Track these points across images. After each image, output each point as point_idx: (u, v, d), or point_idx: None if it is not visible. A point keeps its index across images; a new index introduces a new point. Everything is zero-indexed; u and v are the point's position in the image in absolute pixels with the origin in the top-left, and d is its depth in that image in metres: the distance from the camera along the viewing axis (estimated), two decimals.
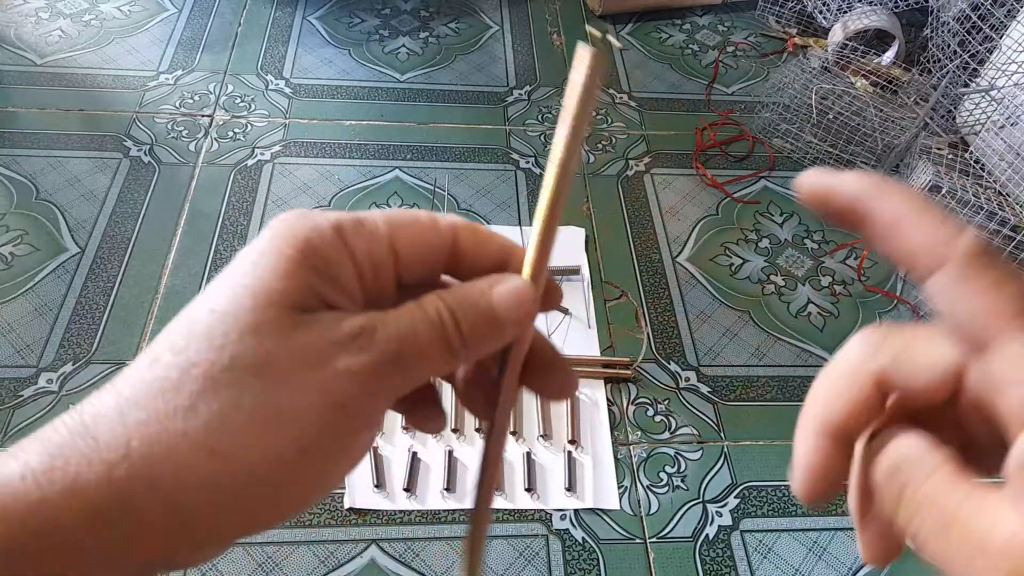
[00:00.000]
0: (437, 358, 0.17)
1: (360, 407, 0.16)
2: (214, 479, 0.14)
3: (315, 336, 0.15)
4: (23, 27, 0.99)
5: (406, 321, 0.17)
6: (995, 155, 0.82)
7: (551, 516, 0.60)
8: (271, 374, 0.15)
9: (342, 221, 0.17)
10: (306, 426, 0.15)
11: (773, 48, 1.09)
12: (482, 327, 0.17)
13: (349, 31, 1.04)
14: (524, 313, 0.18)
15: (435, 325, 0.17)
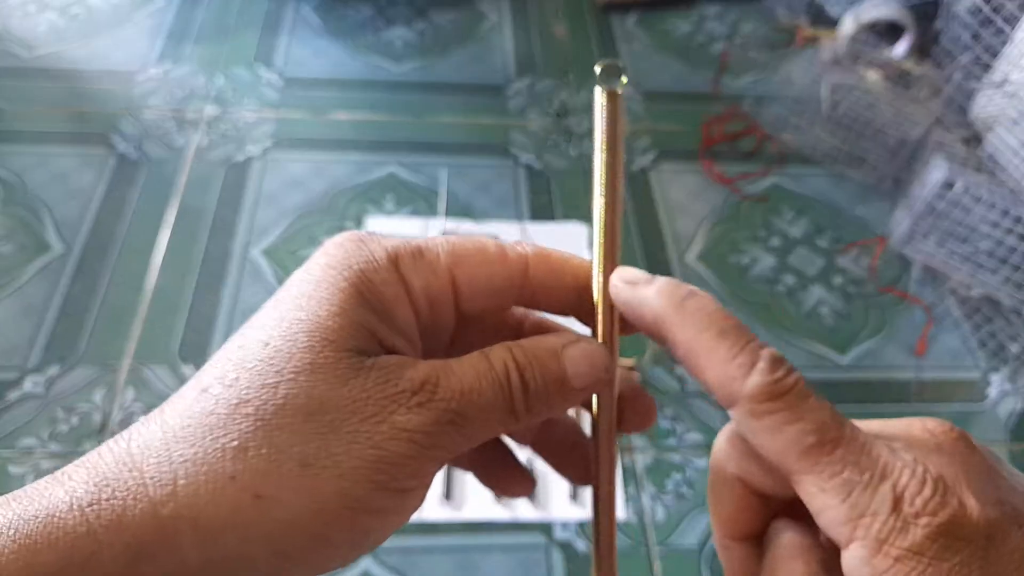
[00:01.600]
0: (497, 419, 0.16)
1: (413, 466, 0.15)
2: (257, 525, 0.14)
3: (372, 386, 0.15)
4: (10, 20, 0.96)
5: (471, 378, 0.16)
6: (1009, 151, 0.80)
7: (553, 526, 0.58)
8: (324, 422, 0.14)
9: (400, 252, 0.16)
10: (354, 481, 0.14)
11: (782, 40, 1.06)
12: (550, 391, 0.16)
13: (343, 21, 1.02)
14: (597, 380, 0.17)
15: (501, 385, 0.16)
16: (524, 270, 0.17)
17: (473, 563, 0.56)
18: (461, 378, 0.16)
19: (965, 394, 0.70)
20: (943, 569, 0.13)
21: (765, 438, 0.15)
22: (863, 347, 0.73)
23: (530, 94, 0.95)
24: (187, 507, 0.14)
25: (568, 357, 0.17)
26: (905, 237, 0.80)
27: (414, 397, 0.15)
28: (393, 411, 0.15)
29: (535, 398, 0.16)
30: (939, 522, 0.14)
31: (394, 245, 0.16)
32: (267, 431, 0.14)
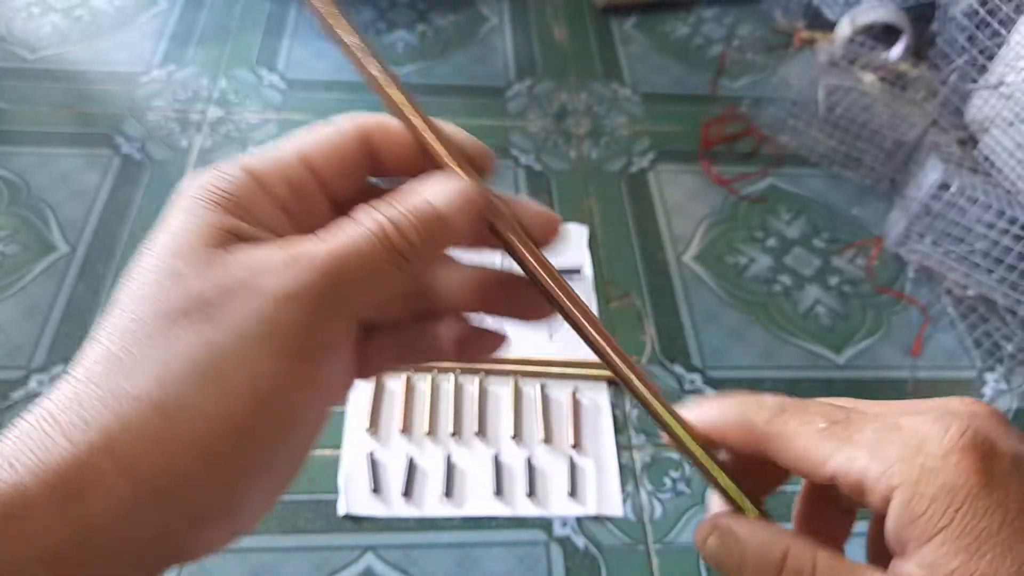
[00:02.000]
0: (387, 267, 0.16)
1: (304, 327, 0.15)
2: (172, 433, 0.14)
3: (243, 270, 0.15)
4: (14, 22, 0.97)
5: (342, 235, 0.16)
6: (1005, 152, 0.81)
7: (552, 522, 0.59)
8: (201, 313, 0.14)
9: (245, 159, 0.16)
10: (249, 357, 0.14)
11: (779, 42, 1.07)
12: (426, 226, 0.16)
13: None
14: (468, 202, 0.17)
15: (372, 233, 0.16)
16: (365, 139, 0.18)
17: (473, 559, 0.57)
18: (330, 240, 0.15)
19: (961, 393, 0.70)
20: (981, 502, 0.14)
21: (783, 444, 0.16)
22: (859, 347, 0.73)
23: (530, 96, 0.95)
24: (99, 437, 0.13)
25: (430, 192, 0.17)
26: (901, 238, 0.80)
27: (287, 269, 0.15)
28: (269, 284, 0.15)
29: (413, 237, 0.16)
30: (970, 459, 0.14)
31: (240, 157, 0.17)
32: (152, 343, 0.14)
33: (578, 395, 0.66)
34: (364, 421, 0.62)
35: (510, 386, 0.65)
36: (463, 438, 0.62)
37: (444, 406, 0.64)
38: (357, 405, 0.63)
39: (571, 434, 0.63)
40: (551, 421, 0.64)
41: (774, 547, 0.17)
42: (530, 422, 0.64)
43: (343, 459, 0.60)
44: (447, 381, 0.65)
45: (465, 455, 0.61)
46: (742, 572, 0.17)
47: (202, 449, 0.14)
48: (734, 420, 0.18)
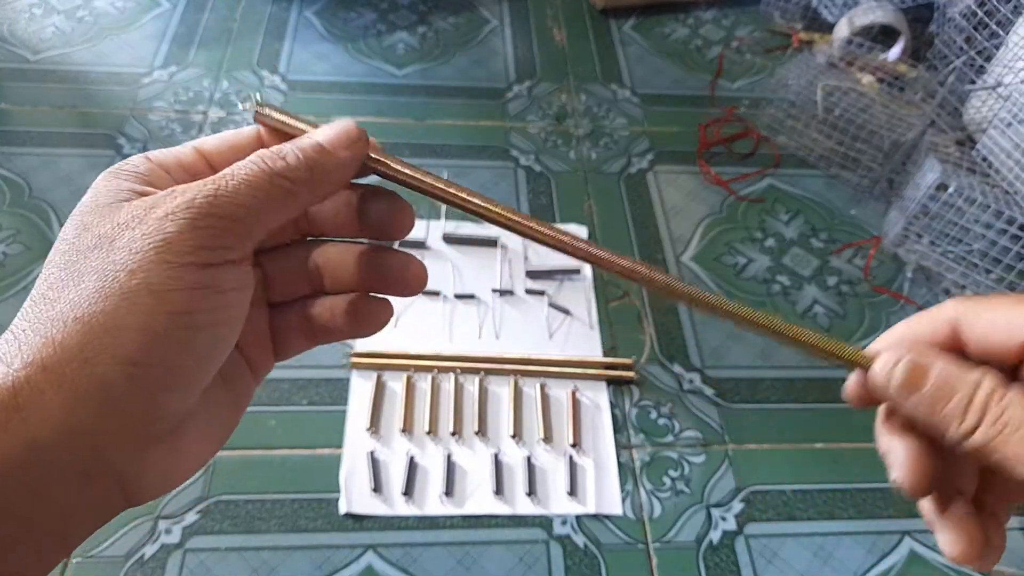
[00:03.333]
0: (270, 188, 0.18)
1: (199, 245, 0.17)
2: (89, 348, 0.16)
3: (137, 206, 0.17)
4: (17, 23, 0.97)
5: (228, 168, 0.18)
6: (1002, 153, 0.81)
7: (552, 521, 0.59)
8: (104, 246, 0.17)
9: (149, 152, 0.19)
10: (149, 269, 0.16)
11: (778, 43, 1.07)
12: (311, 158, 0.19)
13: (346, 26, 1.03)
14: (350, 139, 0.20)
15: (257, 162, 0.18)
16: (259, 138, 0.21)
17: (473, 557, 0.57)
18: (218, 176, 0.18)
19: None
20: None
21: None
22: (857, 346, 0.74)
23: (530, 97, 0.96)
24: (32, 355, 0.16)
25: (316, 132, 0.20)
26: (899, 238, 0.81)
27: (174, 196, 0.17)
28: (159, 210, 0.17)
29: (299, 166, 0.18)
30: None
31: None
32: (67, 275, 0.17)
33: (578, 394, 0.66)
34: (365, 420, 0.63)
35: (510, 385, 0.66)
36: (463, 437, 0.63)
37: (444, 405, 0.64)
38: (358, 405, 0.64)
39: (571, 433, 0.63)
40: (551, 420, 0.64)
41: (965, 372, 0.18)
42: (530, 421, 0.64)
43: (344, 458, 0.61)
44: (447, 381, 0.66)
45: (465, 454, 0.62)
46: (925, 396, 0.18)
47: (115, 353, 0.16)
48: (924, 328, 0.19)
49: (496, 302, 0.72)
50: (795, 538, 0.60)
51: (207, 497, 0.58)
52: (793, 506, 0.62)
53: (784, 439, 0.66)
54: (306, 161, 0.19)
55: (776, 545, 0.60)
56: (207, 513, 0.57)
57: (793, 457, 0.65)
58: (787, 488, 0.63)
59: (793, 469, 0.64)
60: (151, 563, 0.55)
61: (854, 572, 0.59)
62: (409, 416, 0.63)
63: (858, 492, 0.63)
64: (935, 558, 0.60)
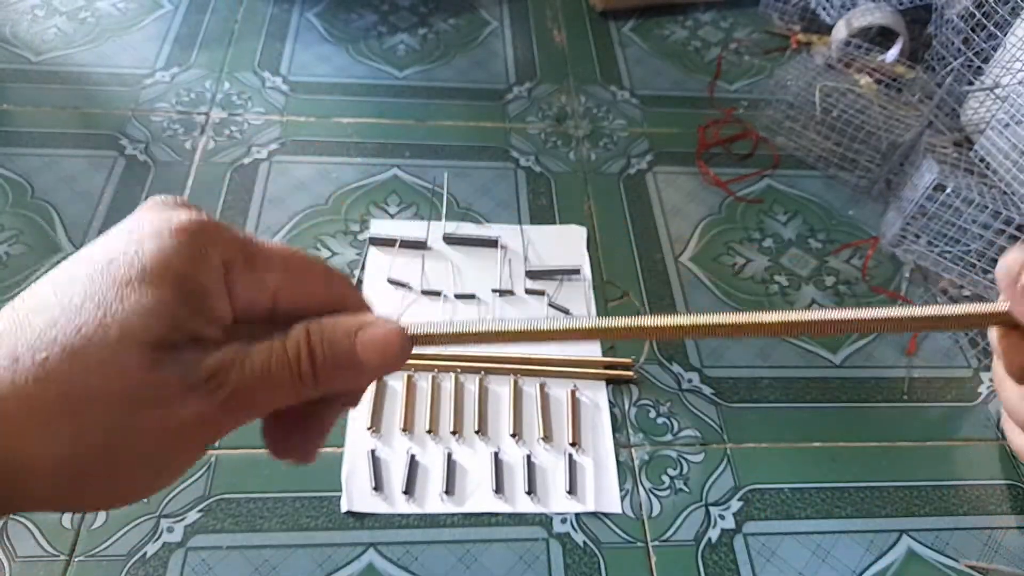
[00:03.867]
0: (284, 393, 0.18)
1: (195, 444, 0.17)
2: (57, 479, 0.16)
3: (170, 379, 0.16)
4: (19, 24, 0.98)
5: (263, 360, 0.18)
6: (1000, 153, 0.82)
7: (551, 519, 0.60)
8: (121, 410, 0.16)
9: (233, 261, 0.18)
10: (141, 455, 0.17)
11: (776, 45, 1.08)
12: (340, 370, 0.18)
13: (347, 28, 1.03)
14: (388, 361, 0.19)
15: (291, 367, 0.18)
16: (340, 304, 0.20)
17: (473, 556, 0.58)
18: (254, 359, 0.17)
19: (956, 392, 0.71)
20: None
21: None
22: (855, 346, 0.74)
23: (529, 98, 0.96)
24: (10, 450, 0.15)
25: (363, 341, 0.18)
26: (897, 238, 0.81)
27: (208, 384, 0.17)
28: (187, 402, 0.17)
29: (324, 374, 0.18)
30: None
31: (229, 252, 0.18)
32: (71, 409, 0.16)
33: (577, 393, 0.66)
34: (366, 419, 0.63)
35: (510, 384, 0.66)
36: (463, 436, 0.63)
37: (445, 404, 0.65)
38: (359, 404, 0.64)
39: (570, 432, 0.64)
40: (550, 419, 0.64)
41: None
42: (530, 420, 0.64)
43: (345, 457, 0.61)
44: (448, 380, 0.66)
45: (465, 453, 0.62)
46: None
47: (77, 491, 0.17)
48: None
49: (496, 302, 0.73)
50: (793, 536, 0.60)
51: (209, 496, 0.59)
52: (792, 505, 0.62)
53: (783, 438, 0.66)
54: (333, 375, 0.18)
55: (774, 543, 0.60)
56: (209, 512, 0.58)
57: (792, 456, 0.65)
58: (786, 487, 0.63)
59: (792, 468, 0.64)
60: (153, 561, 0.55)
61: (852, 570, 0.59)
62: (410, 415, 0.64)
63: (856, 491, 0.63)
64: (933, 557, 0.60)
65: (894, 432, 0.68)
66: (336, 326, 0.19)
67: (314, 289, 0.19)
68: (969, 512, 0.63)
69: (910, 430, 0.68)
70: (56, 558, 0.55)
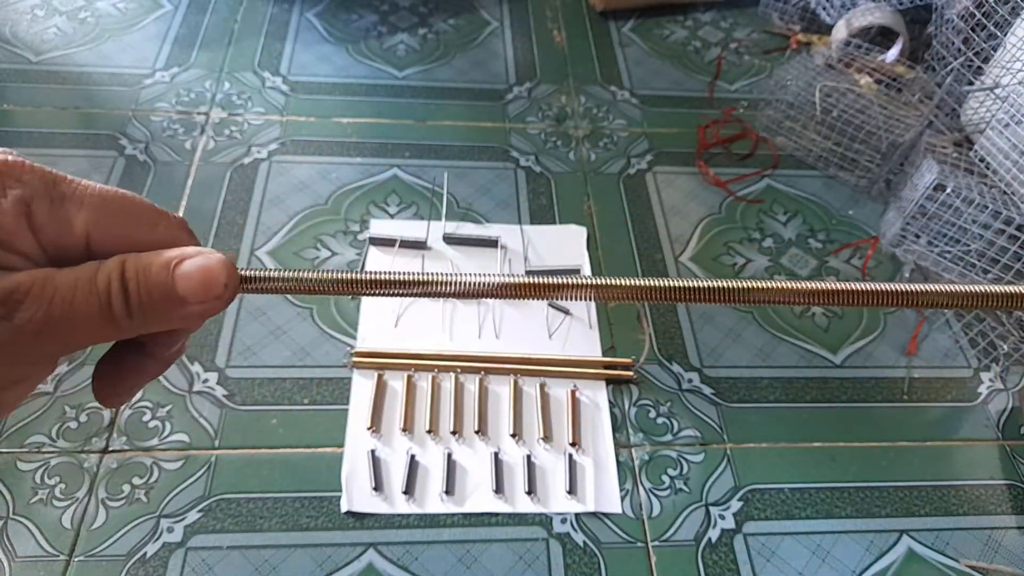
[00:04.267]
0: (94, 328, 0.16)
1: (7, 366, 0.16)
2: None
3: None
4: (19, 24, 0.98)
5: (66, 288, 0.16)
6: (1000, 153, 0.82)
7: (551, 519, 0.60)
8: None
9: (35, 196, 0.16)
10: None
11: (776, 45, 1.08)
12: (157, 305, 0.17)
13: (347, 28, 1.03)
14: (212, 295, 0.17)
15: (98, 296, 0.16)
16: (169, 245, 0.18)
17: (473, 556, 0.58)
18: (57, 287, 0.16)
19: (956, 392, 0.71)
20: None
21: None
22: (855, 346, 0.74)
23: (530, 98, 0.96)
24: None
25: (181, 272, 0.17)
26: (897, 238, 0.81)
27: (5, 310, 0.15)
28: None
29: (139, 311, 0.16)
30: None
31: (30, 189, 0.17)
32: None
33: (577, 394, 0.66)
34: (366, 419, 0.63)
35: (510, 384, 0.66)
36: (463, 436, 0.63)
37: (445, 404, 0.65)
38: (359, 404, 0.64)
39: (570, 432, 0.64)
40: (550, 419, 0.64)
41: None
42: (530, 420, 0.64)
43: (345, 457, 0.61)
44: (448, 380, 0.66)
45: (465, 453, 0.62)
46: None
47: None
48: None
49: (496, 302, 0.73)
50: (793, 536, 0.60)
51: (209, 496, 0.59)
52: (791, 505, 0.62)
53: (782, 438, 0.66)
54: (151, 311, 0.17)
55: (774, 544, 0.60)
56: (209, 512, 0.58)
57: (791, 456, 0.65)
58: (785, 487, 0.63)
59: (791, 468, 0.64)
60: (153, 561, 0.55)
61: (852, 570, 0.59)
62: (410, 415, 0.64)
63: (856, 491, 0.63)
64: (933, 557, 0.60)
65: (894, 432, 0.68)
66: (153, 257, 0.17)
67: (135, 230, 0.17)
68: (969, 512, 0.63)
69: (910, 430, 0.68)
70: (56, 558, 0.55)
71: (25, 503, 0.57)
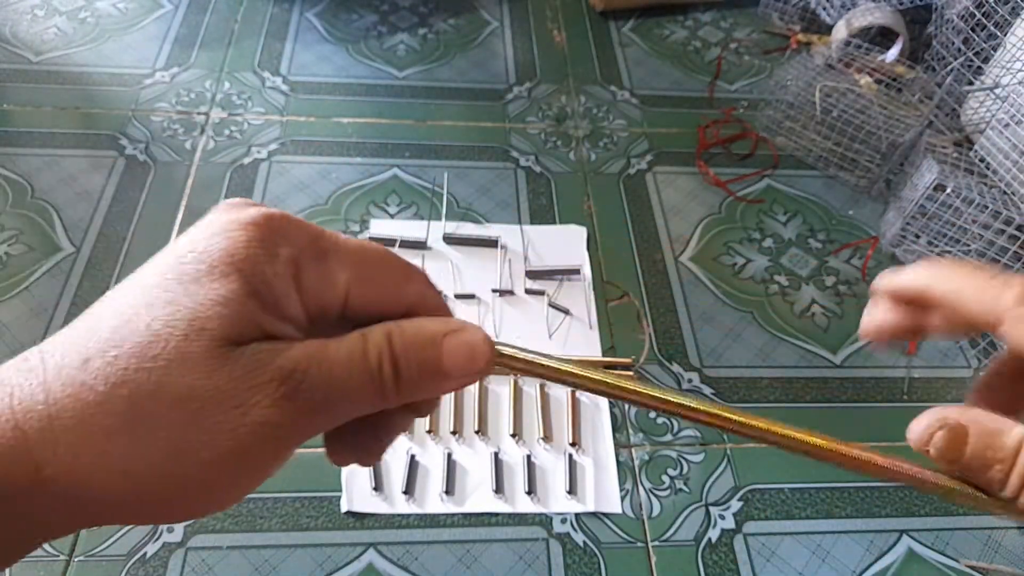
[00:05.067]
0: (364, 404, 0.17)
1: (268, 454, 0.16)
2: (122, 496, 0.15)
3: (241, 375, 0.15)
4: (19, 24, 0.98)
5: (342, 365, 0.16)
6: (1000, 153, 0.82)
7: (551, 519, 0.60)
8: (191, 410, 0.15)
9: (302, 258, 0.16)
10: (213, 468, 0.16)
11: (776, 45, 1.08)
12: (423, 379, 0.17)
13: (347, 27, 1.03)
14: (474, 370, 0.17)
15: (372, 375, 0.16)
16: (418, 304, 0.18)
17: (473, 555, 0.58)
18: (332, 366, 0.16)
19: (956, 392, 0.71)
20: None
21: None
22: (855, 346, 0.74)
23: (530, 99, 0.96)
24: (66, 471, 0.15)
25: (447, 347, 0.17)
26: (897, 238, 0.81)
27: (280, 388, 0.15)
28: (257, 402, 0.15)
29: (407, 385, 0.17)
30: None
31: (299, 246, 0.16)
32: (139, 415, 0.15)
33: (577, 393, 0.66)
34: None
35: (510, 385, 0.66)
36: (464, 436, 0.63)
37: (445, 404, 0.65)
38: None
39: (570, 432, 0.64)
40: (550, 419, 0.64)
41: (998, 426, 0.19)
42: (530, 420, 0.64)
43: None
44: None
45: (466, 453, 0.62)
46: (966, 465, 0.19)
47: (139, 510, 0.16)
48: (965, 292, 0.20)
49: (496, 302, 0.73)
50: (793, 536, 0.60)
51: None
52: (791, 505, 0.62)
53: None
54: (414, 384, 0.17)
55: (774, 543, 0.60)
56: None
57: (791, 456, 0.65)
58: (785, 487, 0.63)
59: (791, 468, 0.64)
60: (153, 561, 0.55)
61: (852, 570, 0.59)
62: None
63: (856, 491, 0.63)
64: (933, 556, 0.60)
65: (894, 432, 0.68)
66: (419, 331, 0.17)
67: (390, 287, 0.18)
68: (969, 512, 0.63)
69: None
70: (56, 558, 0.55)
71: None
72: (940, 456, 0.19)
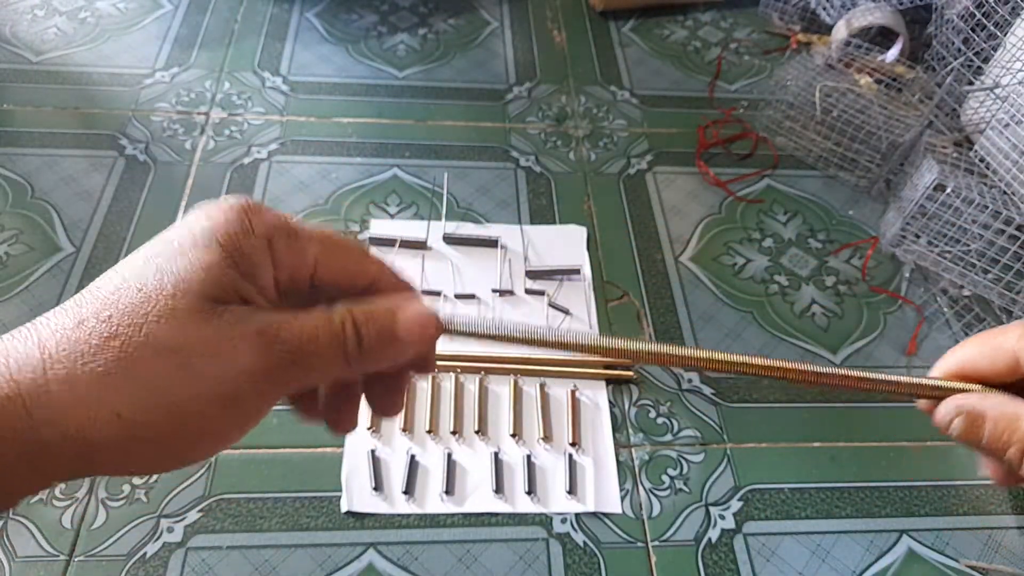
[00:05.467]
0: (332, 365, 0.19)
1: (253, 399, 0.18)
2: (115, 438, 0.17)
3: (223, 328, 0.17)
4: (19, 24, 0.98)
5: (310, 327, 0.18)
6: (1000, 154, 0.82)
7: (551, 519, 0.60)
8: (178, 358, 0.17)
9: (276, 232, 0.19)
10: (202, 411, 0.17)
11: (776, 45, 1.08)
12: (382, 345, 0.19)
13: (347, 28, 1.03)
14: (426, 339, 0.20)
15: (337, 335, 0.19)
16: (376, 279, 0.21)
17: (473, 555, 0.58)
18: (302, 326, 0.18)
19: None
20: None
21: None
22: (855, 346, 0.74)
23: (529, 99, 0.96)
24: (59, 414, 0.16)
25: (402, 317, 0.20)
26: (897, 238, 0.81)
27: (260, 339, 0.18)
28: (239, 351, 0.17)
29: (368, 350, 0.19)
30: None
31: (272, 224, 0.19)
32: (130, 362, 0.17)
33: (577, 393, 0.66)
34: (366, 419, 0.63)
35: (510, 384, 0.66)
36: (464, 436, 0.63)
37: (445, 404, 0.65)
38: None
39: (570, 432, 0.64)
40: (550, 419, 0.64)
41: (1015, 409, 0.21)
42: (530, 420, 0.65)
43: (345, 457, 0.61)
44: (448, 380, 0.66)
45: (465, 453, 0.62)
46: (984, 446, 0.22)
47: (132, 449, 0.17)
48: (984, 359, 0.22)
49: (496, 302, 0.73)
50: (793, 536, 0.60)
51: (209, 496, 0.59)
52: (791, 505, 0.62)
53: (782, 438, 0.66)
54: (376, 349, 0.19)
55: (774, 543, 0.60)
56: (209, 512, 0.58)
57: (791, 456, 0.65)
58: (785, 487, 0.63)
59: (791, 468, 0.64)
60: (153, 561, 0.55)
61: (852, 570, 0.59)
62: (410, 415, 0.64)
63: (856, 491, 0.63)
64: (933, 557, 0.60)
65: (894, 432, 0.68)
66: (379, 302, 0.20)
67: (352, 263, 0.20)
68: (969, 512, 0.63)
69: (910, 430, 0.68)
70: (56, 558, 0.55)
71: (25, 503, 0.57)
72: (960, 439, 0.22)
